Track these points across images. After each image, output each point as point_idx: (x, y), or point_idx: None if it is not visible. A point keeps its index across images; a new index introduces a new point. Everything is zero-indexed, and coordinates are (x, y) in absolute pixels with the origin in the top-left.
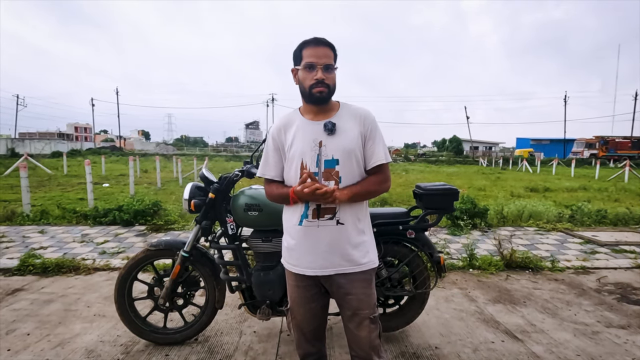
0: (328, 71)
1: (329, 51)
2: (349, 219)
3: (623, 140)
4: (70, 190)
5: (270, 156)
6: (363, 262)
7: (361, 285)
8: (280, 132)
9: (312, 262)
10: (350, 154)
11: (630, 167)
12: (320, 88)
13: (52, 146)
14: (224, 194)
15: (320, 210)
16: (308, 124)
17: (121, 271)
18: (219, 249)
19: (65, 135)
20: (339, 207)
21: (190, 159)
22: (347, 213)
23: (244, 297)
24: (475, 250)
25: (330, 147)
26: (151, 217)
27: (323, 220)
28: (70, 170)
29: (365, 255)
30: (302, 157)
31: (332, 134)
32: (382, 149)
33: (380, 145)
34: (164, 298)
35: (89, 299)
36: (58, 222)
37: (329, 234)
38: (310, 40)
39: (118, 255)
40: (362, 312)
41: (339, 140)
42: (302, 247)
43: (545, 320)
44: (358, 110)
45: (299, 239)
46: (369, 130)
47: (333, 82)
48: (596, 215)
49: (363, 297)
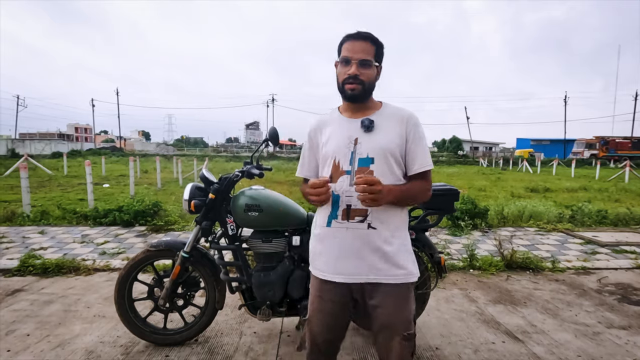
0: (364, 67)
1: (369, 46)
2: (382, 223)
3: (623, 140)
4: (70, 190)
5: (305, 156)
6: (396, 274)
7: (393, 298)
8: (317, 131)
9: (342, 267)
10: (386, 153)
11: (631, 168)
12: (353, 85)
13: (53, 147)
14: (224, 195)
15: (350, 211)
16: (345, 121)
17: (121, 272)
18: (219, 249)
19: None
20: (371, 209)
21: (191, 159)
22: (381, 216)
23: (244, 297)
24: (476, 250)
25: (366, 144)
26: (151, 218)
27: (353, 222)
28: (71, 170)
29: (400, 266)
30: (335, 154)
31: (369, 130)
32: (425, 155)
33: (425, 150)
34: (164, 299)
35: (89, 300)
36: (58, 222)
37: (359, 238)
38: (352, 34)
39: (118, 255)
40: (393, 328)
41: (376, 138)
42: (331, 251)
43: (545, 321)
44: (401, 111)
45: (327, 241)
46: (412, 132)
47: (369, 78)
48: (597, 216)
49: (395, 312)
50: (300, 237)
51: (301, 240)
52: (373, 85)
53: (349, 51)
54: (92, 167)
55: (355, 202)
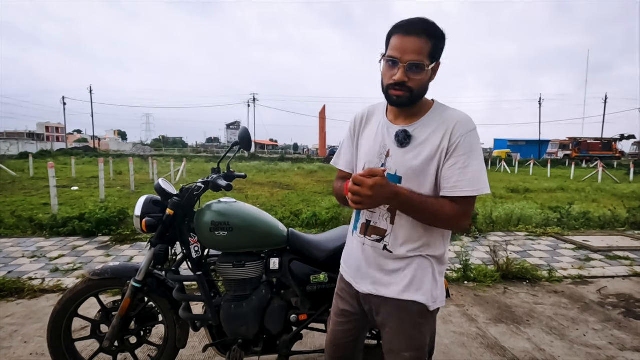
0: (413, 71)
1: (424, 43)
2: (401, 246)
3: (594, 141)
4: (34, 194)
5: (344, 144)
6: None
7: (399, 319)
8: (362, 120)
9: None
10: (417, 174)
11: (603, 168)
12: (398, 92)
13: (20, 147)
14: (186, 210)
15: (369, 228)
16: (385, 125)
17: (56, 307)
18: (177, 280)
19: (35, 135)
20: (390, 230)
21: (168, 160)
22: (400, 239)
23: (211, 335)
24: (469, 259)
25: (395, 160)
26: (116, 227)
27: (369, 239)
28: (38, 172)
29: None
30: (365, 161)
31: (402, 146)
32: (467, 177)
33: (464, 170)
34: (111, 339)
35: (28, 332)
36: (10, 233)
37: (373, 256)
38: (403, 24)
39: (72, 273)
40: (399, 353)
41: (408, 156)
42: (351, 258)
43: (554, 344)
44: (451, 117)
45: (349, 247)
46: (453, 145)
47: (419, 85)
48: (582, 218)
49: (400, 335)
50: (280, 260)
51: (281, 263)
52: (425, 89)
53: (397, 50)
54: (62, 168)
55: (375, 219)
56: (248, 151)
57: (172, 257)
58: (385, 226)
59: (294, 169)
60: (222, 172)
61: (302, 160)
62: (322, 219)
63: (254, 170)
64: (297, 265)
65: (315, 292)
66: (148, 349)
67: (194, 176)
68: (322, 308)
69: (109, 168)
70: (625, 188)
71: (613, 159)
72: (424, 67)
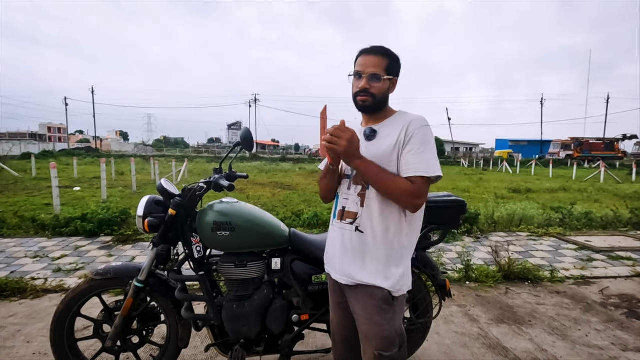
0: (374, 81)
1: (380, 60)
2: (369, 229)
3: (596, 141)
4: (37, 194)
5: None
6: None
7: (365, 307)
8: None
9: (335, 265)
10: (380, 161)
11: (605, 168)
12: (364, 97)
13: (22, 147)
14: (189, 210)
15: (345, 213)
16: (359, 130)
17: (58, 306)
18: (179, 280)
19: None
20: (360, 213)
21: (170, 160)
22: (371, 221)
23: (213, 335)
24: (471, 259)
25: (365, 153)
26: (118, 227)
27: (344, 223)
28: (40, 173)
29: (379, 274)
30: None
31: (368, 140)
32: (420, 160)
33: (417, 155)
34: (113, 339)
35: (31, 332)
36: (13, 233)
37: (348, 240)
38: (365, 48)
39: (75, 273)
40: (368, 340)
41: (373, 147)
42: (330, 248)
43: (556, 344)
44: (407, 117)
45: (329, 238)
46: (409, 137)
47: (379, 91)
48: (584, 218)
49: (366, 323)
50: (282, 260)
51: (282, 263)
52: (385, 97)
53: (361, 65)
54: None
55: (349, 205)
56: (250, 152)
57: (175, 257)
58: (356, 209)
59: (296, 169)
60: (224, 173)
61: (304, 160)
62: (323, 219)
63: (256, 170)
64: (298, 265)
65: (317, 292)
66: (150, 348)
67: (195, 176)
68: (324, 308)
69: (110, 168)
70: (628, 188)
71: (615, 159)
72: (381, 77)
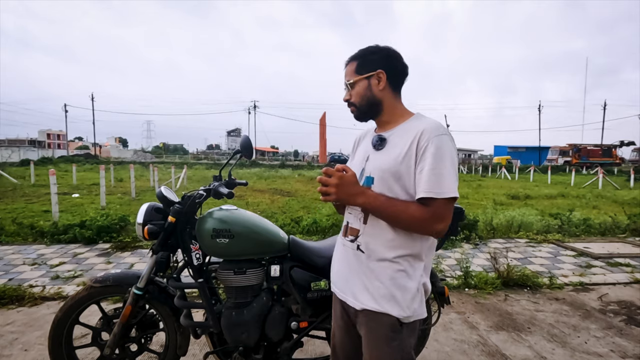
0: (350, 89)
1: (350, 66)
2: (369, 249)
3: (594, 148)
4: (35, 201)
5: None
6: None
7: (369, 329)
8: (360, 138)
9: (340, 284)
10: (386, 174)
11: (604, 174)
12: (350, 107)
13: (22, 154)
14: (188, 217)
15: (348, 229)
16: (370, 136)
17: (57, 314)
18: (178, 287)
19: (37, 143)
20: (362, 230)
21: (169, 167)
22: (372, 240)
23: (212, 342)
24: (470, 266)
25: (372, 163)
26: (117, 234)
27: (347, 240)
28: (39, 179)
29: (383, 298)
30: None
31: (377, 149)
32: (436, 178)
33: (431, 173)
34: (112, 347)
35: (29, 340)
36: (11, 240)
37: (351, 258)
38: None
39: (73, 280)
40: None
41: (381, 158)
42: (335, 265)
43: (555, 351)
44: (420, 125)
45: (335, 254)
46: (422, 149)
47: (357, 96)
48: (583, 225)
49: (371, 348)
50: (281, 267)
51: (281, 270)
52: (372, 99)
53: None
54: (64, 175)
55: (352, 220)
56: (249, 159)
57: (174, 265)
58: (358, 226)
59: (295, 176)
60: (224, 180)
61: (303, 167)
62: (322, 225)
63: (255, 177)
64: (297, 272)
65: (316, 299)
66: (149, 356)
67: (194, 183)
68: (323, 315)
69: (109, 175)
70: (626, 194)
71: (613, 166)
72: (354, 82)
